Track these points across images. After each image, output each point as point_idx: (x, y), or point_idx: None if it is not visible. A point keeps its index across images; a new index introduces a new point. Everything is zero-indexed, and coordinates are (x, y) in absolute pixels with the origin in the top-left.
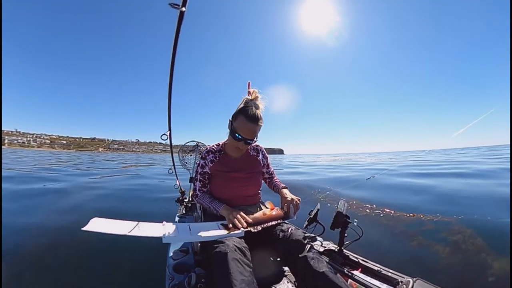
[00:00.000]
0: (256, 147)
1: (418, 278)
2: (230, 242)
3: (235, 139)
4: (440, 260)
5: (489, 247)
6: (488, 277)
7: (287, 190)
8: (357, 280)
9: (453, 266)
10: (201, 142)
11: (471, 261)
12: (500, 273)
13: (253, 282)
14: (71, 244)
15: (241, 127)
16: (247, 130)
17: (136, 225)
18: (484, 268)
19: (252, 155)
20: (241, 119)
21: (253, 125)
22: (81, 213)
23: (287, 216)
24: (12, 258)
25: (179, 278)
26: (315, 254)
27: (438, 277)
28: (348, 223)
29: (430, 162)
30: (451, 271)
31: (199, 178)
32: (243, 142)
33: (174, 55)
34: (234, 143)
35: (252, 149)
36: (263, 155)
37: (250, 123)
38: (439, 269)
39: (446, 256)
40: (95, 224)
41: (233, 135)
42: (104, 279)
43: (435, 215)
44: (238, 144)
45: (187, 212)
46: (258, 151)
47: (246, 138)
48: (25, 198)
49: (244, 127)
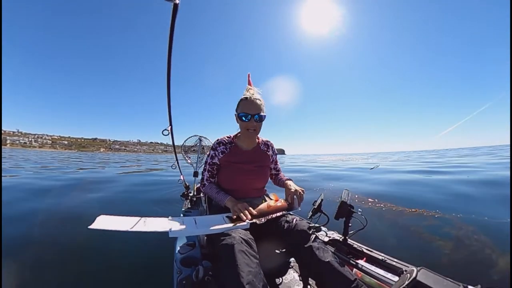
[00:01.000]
0: (267, 142)
1: (422, 267)
2: (236, 234)
3: (244, 120)
4: (443, 254)
5: (492, 243)
6: (488, 271)
7: (291, 182)
8: (362, 269)
9: (457, 260)
10: (204, 137)
11: (474, 256)
12: (500, 269)
13: (260, 273)
14: (79, 240)
15: (244, 107)
16: (249, 106)
17: (142, 220)
18: (485, 262)
19: (263, 150)
20: (243, 102)
21: (253, 101)
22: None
23: (292, 207)
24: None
25: (187, 272)
26: (320, 244)
27: (440, 269)
28: (352, 212)
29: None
30: (454, 263)
31: (207, 169)
32: (253, 119)
33: (171, 48)
34: (245, 125)
35: (263, 144)
36: (273, 151)
37: (251, 101)
38: (442, 262)
39: (449, 252)
40: (101, 221)
41: (240, 118)
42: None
43: (437, 211)
44: (249, 125)
45: (192, 206)
46: (268, 146)
47: (251, 113)
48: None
49: (247, 105)
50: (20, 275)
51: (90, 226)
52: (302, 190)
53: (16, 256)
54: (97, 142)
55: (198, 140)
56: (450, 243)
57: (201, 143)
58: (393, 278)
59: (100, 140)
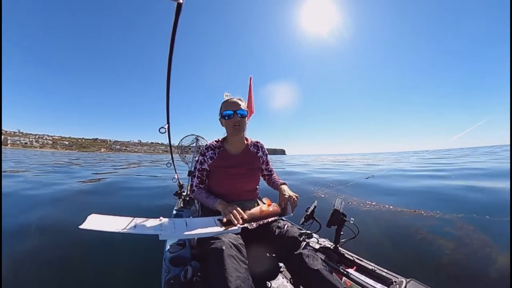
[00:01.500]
0: (256, 143)
1: (412, 279)
2: (226, 238)
3: (227, 118)
4: (443, 255)
5: (492, 242)
6: (488, 272)
7: (286, 187)
8: (352, 278)
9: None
10: (200, 136)
11: (473, 255)
12: (500, 268)
13: (248, 278)
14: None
15: (226, 107)
16: (232, 104)
17: (134, 221)
18: (485, 263)
19: (252, 151)
20: (223, 105)
21: (234, 101)
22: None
23: (284, 213)
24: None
25: (175, 271)
26: (310, 251)
27: (441, 266)
28: (344, 221)
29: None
30: (454, 262)
31: (197, 175)
32: (235, 115)
33: (172, 48)
34: (230, 122)
35: (252, 145)
36: (263, 151)
37: (231, 101)
38: (442, 262)
39: (449, 252)
40: (92, 221)
41: (224, 117)
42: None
43: (436, 212)
44: (233, 121)
45: (185, 206)
46: (258, 148)
47: (234, 109)
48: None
49: (228, 105)
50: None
51: (81, 226)
52: (296, 196)
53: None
54: (98, 142)
55: (195, 139)
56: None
57: (198, 143)
58: None
59: (101, 140)
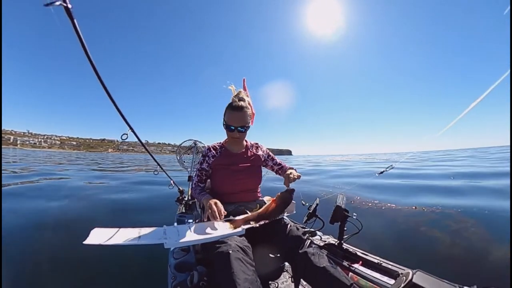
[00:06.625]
0: (255, 145)
1: (418, 270)
2: (232, 241)
3: (229, 130)
4: (442, 248)
5: (491, 236)
6: (488, 264)
7: (292, 170)
8: (358, 273)
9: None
10: (199, 141)
11: (472, 249)
12: (498, 259)
13: (256, 280)
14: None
15: (229, 118)
16: (235, 118)
17: (137, 231)
18: (485, 256)
19: (251, 152)
20: (228, 111)
21: (238, 113)
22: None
23: (285, 205)
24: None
25: (181, 277)
26: (315, 249)
27: (441, 263)
28: (347, 216)
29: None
30: (454, 258)
31: (197, 174)
32: (236, 131)
33: (88, 54)
34: (230, 134)
35: (252, 147)
36: (263, 150)
37: (236, 112)
38: (443, 256)
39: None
40: (96, 235)
41: (226, 127)
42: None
43: (437, 207)
44: (233, 135)
45: (186, 211)
46: (257, 148)
47: (236, 125)
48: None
49: (232, 117)
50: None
51: (85, 241)
52: (298, 175)
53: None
54: (105, 142)
55: (193, 144)
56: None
57: (196, 147)
58: (389, 281)
59: (108, 141)
